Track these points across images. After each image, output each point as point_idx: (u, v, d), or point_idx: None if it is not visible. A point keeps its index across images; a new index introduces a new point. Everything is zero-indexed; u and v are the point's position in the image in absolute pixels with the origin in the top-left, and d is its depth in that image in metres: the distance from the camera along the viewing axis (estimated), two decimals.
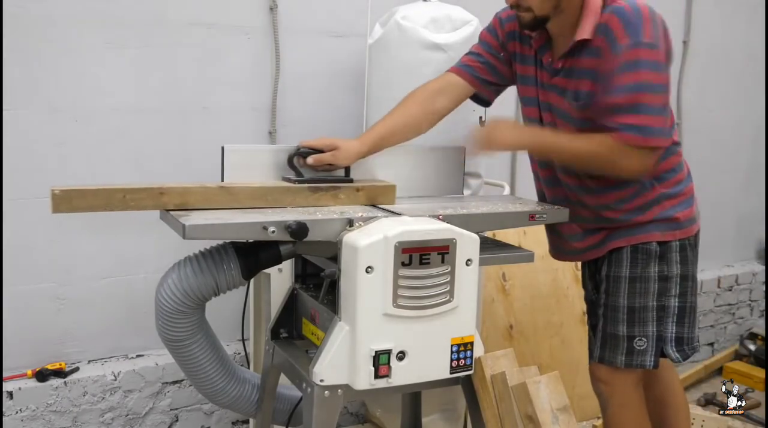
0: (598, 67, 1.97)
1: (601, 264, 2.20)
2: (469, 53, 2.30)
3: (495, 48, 2.24)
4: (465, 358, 1.87)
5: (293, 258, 2.09)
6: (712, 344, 4.39)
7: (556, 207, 2.15)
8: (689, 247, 2.13)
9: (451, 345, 1.84)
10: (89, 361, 2.79)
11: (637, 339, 2.11)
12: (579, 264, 2.94)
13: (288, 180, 2.02)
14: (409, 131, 2.21)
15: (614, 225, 2.14)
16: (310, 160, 2.04)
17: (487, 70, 2.25)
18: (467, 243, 1.81)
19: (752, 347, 4.06)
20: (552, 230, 2.31)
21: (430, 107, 2.22)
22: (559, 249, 2.33)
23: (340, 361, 1.76)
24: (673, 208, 2.11)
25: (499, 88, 2.33)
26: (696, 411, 3.19)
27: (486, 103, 2.37)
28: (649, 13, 1.92)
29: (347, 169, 2.09)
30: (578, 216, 2.18)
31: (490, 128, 2.11)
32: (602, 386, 2.19)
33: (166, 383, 2.85)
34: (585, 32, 1.97)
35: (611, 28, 1.93)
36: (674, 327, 2.11)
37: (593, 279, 2.30)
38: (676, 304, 2.11)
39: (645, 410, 2.22)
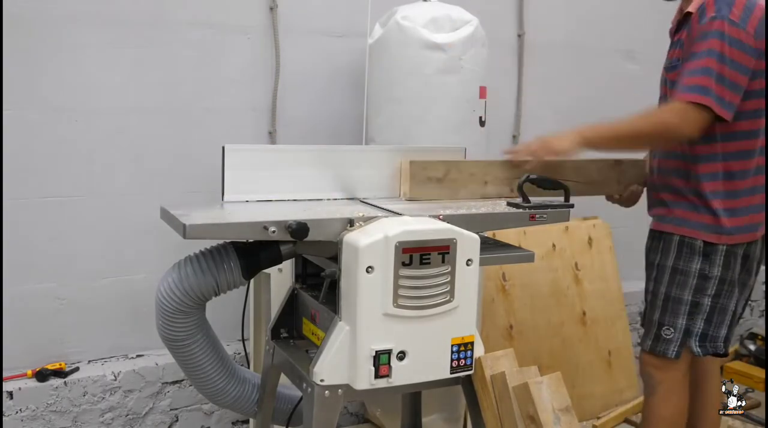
0: (687, 36, 2.11)
1: (654, 251, 2.30)
2: None
3: None
4: (465, 358, 1.87)
5: (293, 258, 2.09)
6: None
7: (557, 208, 2.15)
8: (734, 256, 2.18)
9: (451, 345, 1.84)
10: (89, 361, 2.79)
11: (665, 327, 2.22)
12: (576, 264, 2.92)
13: (515, 205, 2.10)
14: None
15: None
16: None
17: None
18: (467, 243, 1.81)
19: (752, 347, 4.05)
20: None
21: None
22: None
23: (340, 361, 1.76)
24: (721, 213, 2.15)
25: None
26: None
27: None
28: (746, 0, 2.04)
29: (567, 194, 2.16)
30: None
31: (546, 137, 2.20)
32: (654, 371, 2.28)
33: (166, 383, 2.84)
34: (692, 6, 2.11)
35: (707, 5, 2.06)
36: (702, 324, 2.20)
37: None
38: (709, 303, 2.19)
39: (687, 400, 2.31)
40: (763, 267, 2.37)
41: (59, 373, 2.66)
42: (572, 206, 2.15)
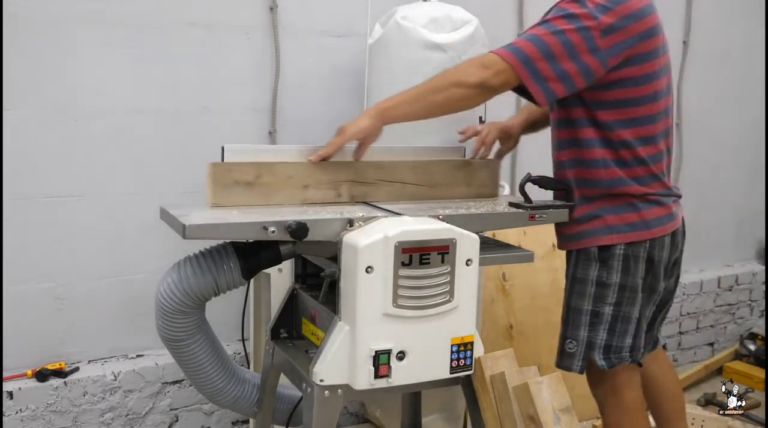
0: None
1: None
2: None
3: None
4: (465, 358, 1.87)
5: (293, 258, 2.09)
6: (712, 344, 4.38)
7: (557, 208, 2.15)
8: (633, 259, 2.05)
9: (451, 345, 1.84)
10: (89, 361, 2.79)
11: (568, 341, 2.12)
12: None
13: (517, 206, 2.07)
14: None
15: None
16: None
17: None
18: (467, 243, 1.81)
19: (752, 347, 4.06)
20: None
21: None
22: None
23: (340, 361, 1.76)
24: (611, 210, 2.05)
25: None
26: (696, 411, 3.19)
27: None
28: None
29: (569, 194, 2.12)
30: None
31: (343, 125, 2.06)
32: (593, 390, 2.20)
33: (166, 383, 2.84)
34: None
35: None
36: (605, 335, 2.08)
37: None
38: (610, 312, 2.07)
39: (644, 409, 2.20)
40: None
41: (59, 373, 2.66)
42: (573, 206, 2.14)
